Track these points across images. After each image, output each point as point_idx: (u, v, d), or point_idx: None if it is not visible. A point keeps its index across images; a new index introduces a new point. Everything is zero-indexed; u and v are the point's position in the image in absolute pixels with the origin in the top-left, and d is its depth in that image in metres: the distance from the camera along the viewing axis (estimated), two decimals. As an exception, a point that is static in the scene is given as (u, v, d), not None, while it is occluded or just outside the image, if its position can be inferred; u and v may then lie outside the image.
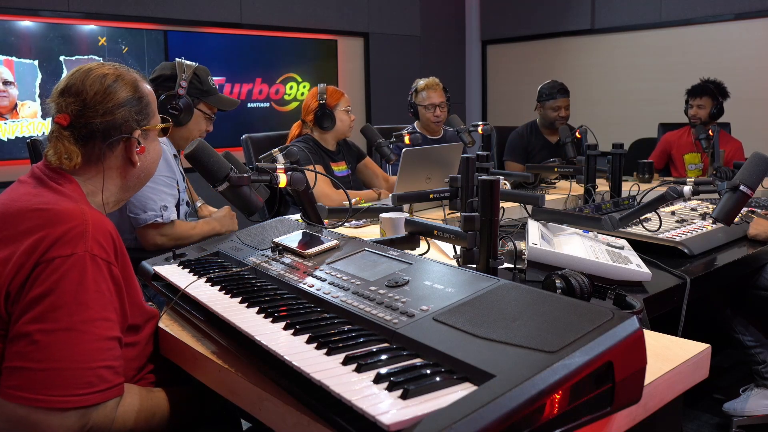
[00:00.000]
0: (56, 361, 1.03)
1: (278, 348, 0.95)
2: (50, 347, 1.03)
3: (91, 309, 1.07)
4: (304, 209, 1.73)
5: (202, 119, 2.28)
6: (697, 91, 3.88)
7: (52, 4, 4.15)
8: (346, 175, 3.11)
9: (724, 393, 2.60)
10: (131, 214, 2.04)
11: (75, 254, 1.07)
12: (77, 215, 1.12)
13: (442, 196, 2.26)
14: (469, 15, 6.68)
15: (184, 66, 2.23)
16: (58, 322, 1.04)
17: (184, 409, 1.28)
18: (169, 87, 2.21)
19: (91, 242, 1.10)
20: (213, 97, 2.30)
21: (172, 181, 2.14)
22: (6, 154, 4.07)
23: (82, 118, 1.23)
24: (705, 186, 1.91)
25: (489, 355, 0.82)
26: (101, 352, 1.06)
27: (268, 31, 5.19)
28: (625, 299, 1.18)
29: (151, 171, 1.38)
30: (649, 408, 0.95)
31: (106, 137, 1.25)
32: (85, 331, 1.05)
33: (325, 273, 1.24)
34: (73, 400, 1.02)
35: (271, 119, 5.27)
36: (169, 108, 2.17)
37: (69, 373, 1.03)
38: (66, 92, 1.25)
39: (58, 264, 1.06)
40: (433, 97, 3.55)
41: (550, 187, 3.29)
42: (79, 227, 1.10)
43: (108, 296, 1.11)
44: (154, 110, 1.35)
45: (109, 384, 1.07)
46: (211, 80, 2.32)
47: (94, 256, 1.09)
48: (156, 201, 2.05)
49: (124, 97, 1.27)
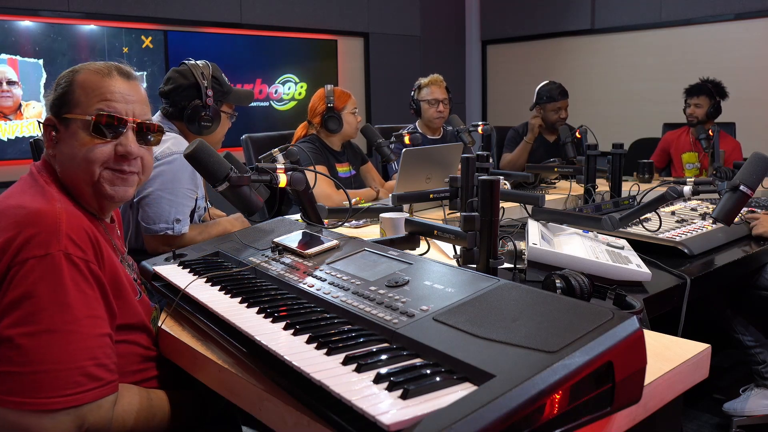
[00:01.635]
0: (41, 363, 1.01)
1: (278, 348, 0.95)
2: (34, 350, 1.01)
3: (73, 309, 1.04)
4: (304, 209, 1.73)
5: (226, 121, 2.25)
6: (694, 90, 3.88)
7: (52, 4, 4.15)
8: (350, 176, 3.11)
9: (724, 393, 2.60)
10: (142, 222, 2.00)
11: (49, 254, 1.04)
12: (50, 214, 1.09)
13: (442, 196, 2.26)
14: (469, 15, 6.68)
15: (201, 70, 2.16)
16: (39, 325, 1.02)
17: (186, 411, 1.27)
18: (192, 96, 2.13)
19: (65, 241, 1.06)
20: (233, 95, 2.26)
21: (194, 193, 2.08)
22: (10, 154, 4.07)
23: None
24: (705, 186, 1.91)
25: (489, 355, 0.82)
26: (90, 351, 1.05)
27: (268, 31, 5.19)
28: (625, 299, 1.18)
29: (68, 168, 1.22)
30: (649, 408, 0.95)
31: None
32: (70, 331, 1.03)
33: (325, 273, 1.24)
34: (63, 401, 1.01)
35: (271, 119, 5.27)
36: (200, 122, 2.12)
37: (56, 374, 1.01)
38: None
39: (32, 265, 1.03)
40: (436, 92, 3.55)
41: (550, 187, 3.29)
42: (52, 226, 1.07)
43: (91, 294, 1.08)
44: (79, 100, 1.22)
45: (101, 382, 1.06)
46: (225, 77, 2.26)
47: (69, 255, 1.06)
48: (171, 213, 2.00)
49: (56, 83, 1.25)
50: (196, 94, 2.14)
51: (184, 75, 2.16)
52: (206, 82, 2.14)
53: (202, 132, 2.15)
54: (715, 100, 3.82)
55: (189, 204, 2.07)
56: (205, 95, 2.13)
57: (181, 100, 2.14)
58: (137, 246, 2.06)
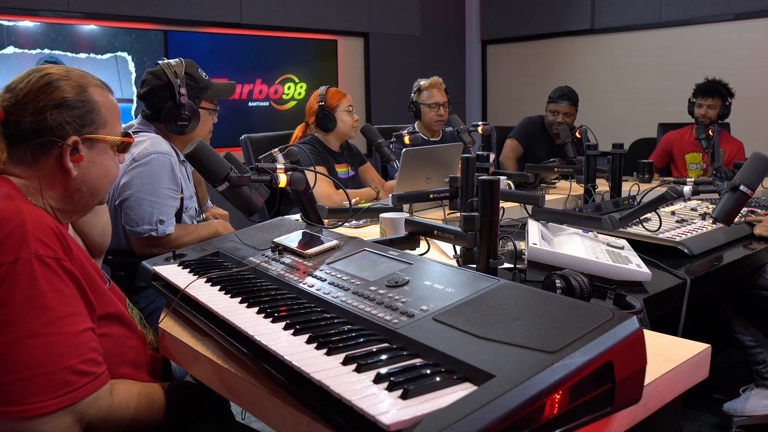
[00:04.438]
0: (28, 369, 1.00)
1: (278, 348, 0.95)
2: (18, 358, 0.99)
3: (51, 310, 1.03)
4: (304, 209, 1.73)
5: (207, 117, 2.21)
6: (710, 90, 3.82)
7: (52, 4, 4.15)
8: (349, 177, 3.11)
9: (724, 393, 2.60)
10: (126, 225, 2.00)
11: (20, 259, 1.02)
12: (13, 215, 1.05)
13: (442, 196, 2.26)
14: (469, 15, 6.68)
15: (173, 69, 2.11)
16: (19, 331, 1.00)
17: (183, 399, 1.27)
18: (167, 97, 2.10)
19: (34, 243, 1.04)
20: (211, 90, 2.21)
21: (176, 193, 2.07)
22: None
23: (13, 116, 1.17)
24: (705, 186, 1.91)
25: (489, 355, 0.82)
26: (73, 349, 1.04)
27: (268, 31, 5.19)
28: (625, 299, 1.18)
29: (98, 186, 1.26)
30: (649, 408, 0.95)
31: (37, 138, 1.17)
32: (50, 333, 1.02)
33: (325, 273, 1.24)
34: (58, 402, 1.01)
35: (271, 119, 5.27)
36: (177, 121, 2.10)
37: (45, 378, 1.00)
38: (6, 88, 1.21)
39: (3, 273, 1.01)
40: (436, 95, 3.54)
41: (550, 187, 3.30)
42: (18, 229, 1.04)
43: (68, 291, 1.07)
44: (107, 120, 1.24)
45: (92, 376, 1.05)
46: (202, 72, 2.22)
47: (40, 256, 1.04)
48: (153, 214, 1.99)
49: (60, 98, 1.18)
50: (169, 94, 2.10)
51: (157, 76, 2.12)
52: (179, 80, 2.10)
53: (182, 131, 2.12)
54: (727, 101, 3.82)
55: (172, 204, 2.05)
56: (179, 94, 2.09)
57: (157, 102, 2.10)
58: (126, 248, 2.06)
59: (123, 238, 2.05)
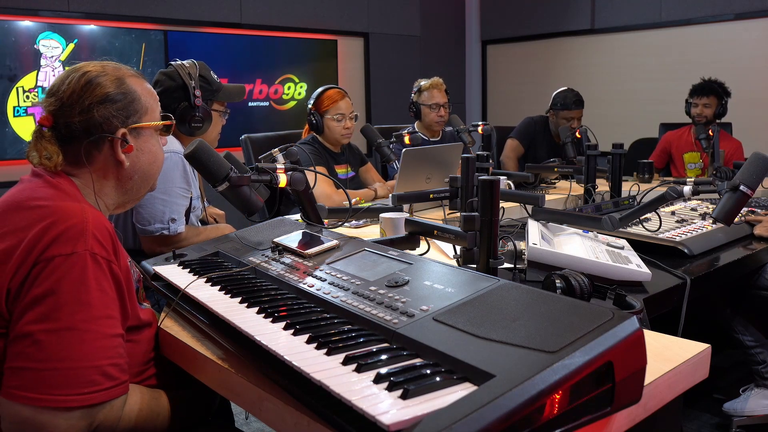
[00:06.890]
0: (60, 360, 1.02)
1: (278, 348, 0.95)
2: (53, 347, 1.02)
3: (93, 308, 1.06)
4: (304, 209, 1.73)
5: (218, 119, 2.23)
6: (704, 89, 3.84)
7: (52, 4, 4.15)
8: (349, 178, 3.11)
9: (724, 393, 2.60)
10: (137, 223, 1.99)
11: (75, 253, 1.06)
12: (77, 213, 1.11)
13: (442, 196, 2.26)
14: (469, 15, 6.68)
15: (188, 70, 2.12)
16: (60, 322, 1.03)
17: (187, 411, 1.28)
18: (181, 98, 2.10)
19: (92, 241, 1.08)
20: (222, 93, 2.22)
21: (187, 192, 2.07)
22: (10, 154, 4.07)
23: (61, 118, 1.21)
24: (705, 186, 1.91)
25: (489, 355, 0.82)
26: (105, 350, 1.06)
27: (268, 31, 5.19)
28: (625, 299, 1.18)
29: (149, 172, 1.33)
30: (649, 408, 0.95)
31: (87, 136, 1.21)
32: (87, 329, 1.05)
33: (325, 273, 1.24)
34: (79, 399, 1.02)
35: (271, 119, 5.27)
36: (191, 123, 2.11)
37: (73, 372, 1.02)
38: (49, 93, 1.24)
39: (58, 263, 1.05)
40: (437, 96, 3.53)
41: (550, 187, 3.30)
42: (79, 225, 1.09)
43: (110, 294, 1.10)
44: (147, 107, 1.29)
45: (115, 382, 1.07)
46: (214, 75, 2.24)
47: (95, 254, 1.08)
48: (165, 213, 1.98)
49: (103, 93, 1.22)
50: (184, 95, 2.11)
51: (171, 77, 2.13)
52: (194, 83, 2.11)
53: (193, 133, 2.13)
54: (723, 99, 3.82)
55: (183, 203, 2.06)
56: (194, 96, 2.10)
57: (171, 103, 2.10)
58: (135, 247, 2.06)
59: (131, 237, 2.05)
